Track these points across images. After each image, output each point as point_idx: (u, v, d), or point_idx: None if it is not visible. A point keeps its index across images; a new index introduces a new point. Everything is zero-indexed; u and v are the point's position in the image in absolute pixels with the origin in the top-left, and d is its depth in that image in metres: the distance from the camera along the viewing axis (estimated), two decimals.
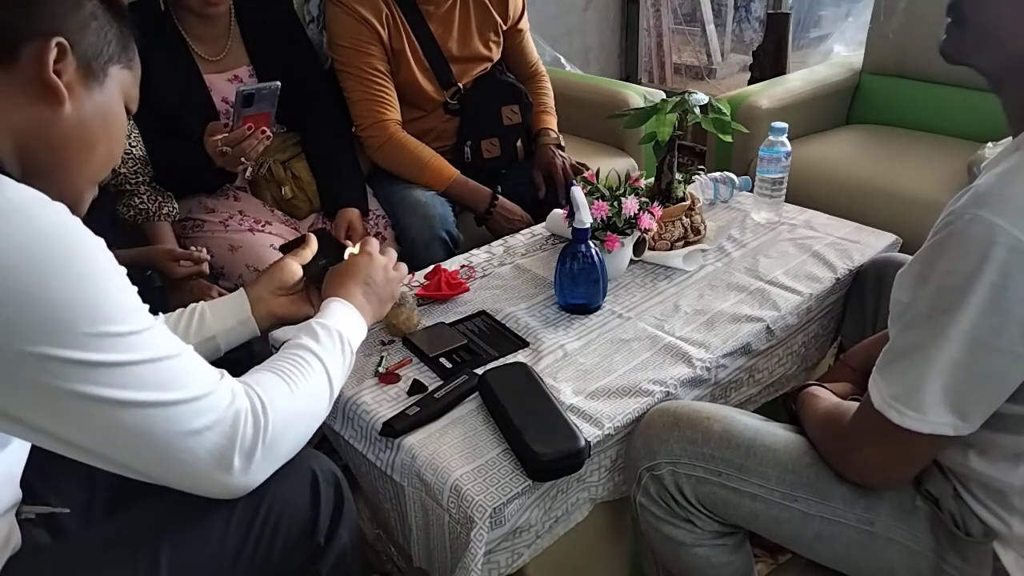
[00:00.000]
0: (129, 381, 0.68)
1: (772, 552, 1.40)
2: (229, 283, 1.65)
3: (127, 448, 0.71)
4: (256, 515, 0.82)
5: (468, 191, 1.89)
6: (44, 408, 0.67)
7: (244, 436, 0.76)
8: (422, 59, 1.93)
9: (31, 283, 0.63)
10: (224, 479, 0.76)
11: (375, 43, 1.87)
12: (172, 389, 0.71)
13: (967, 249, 0.77)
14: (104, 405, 0.68)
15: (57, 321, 0.65)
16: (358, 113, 1.90)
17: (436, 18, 1.94)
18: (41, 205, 0.67)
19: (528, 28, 2.14)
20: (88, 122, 0.77)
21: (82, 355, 0.66)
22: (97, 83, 0.77)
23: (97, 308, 0.67)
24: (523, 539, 1.06)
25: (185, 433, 0.72)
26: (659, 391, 1.17)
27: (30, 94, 0.73)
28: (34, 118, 0.74)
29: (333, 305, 1.01)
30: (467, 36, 1.98)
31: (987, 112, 1.44)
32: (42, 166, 0.75)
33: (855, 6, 3.86)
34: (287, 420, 0.81)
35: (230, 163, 1.55)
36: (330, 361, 0.91)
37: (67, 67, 0.74)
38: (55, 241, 0.66)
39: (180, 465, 0.73)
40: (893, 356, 0.86)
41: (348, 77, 1.89)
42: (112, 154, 0.82)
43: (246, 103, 1.50)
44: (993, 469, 0.87)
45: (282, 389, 0.83)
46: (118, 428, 0.69)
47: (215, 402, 0.74)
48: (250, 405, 0.77)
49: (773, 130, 1.65)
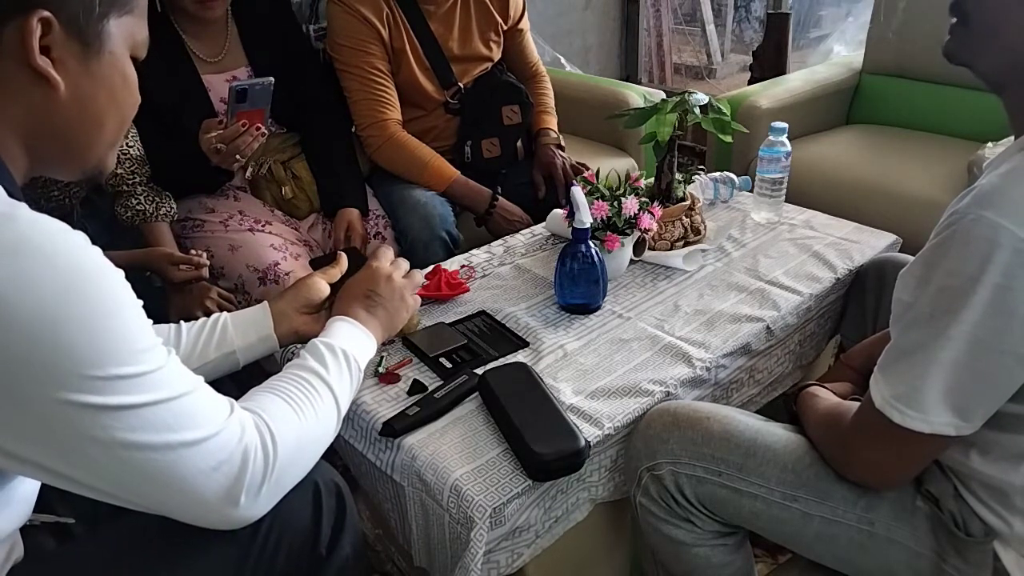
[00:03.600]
0: (139, 424, 0.66)
1: (772, 552, 1.40)
2: (229, 283, 1.65)
3: (133, 487, 0.69)
4: (259, 526, 0.80)
5: (468, 191, 1.89)
6: (51, 450, 0.65)
7: (253, 473, 0.74)
8: (423, 58, 1.93)
9: (42, 326, 0.61)
10: (230, 513, 0.74)
11: (376, 42, 1.86)
12: (182, 430, 0.69)
13: (970, 250, 0.77)
14: (112, 447, 0.66)
15: (68, 365, 0.62)
16: (358, 112, 1.90)
17: (437, 17, 1.94)
18: (54, 240, 0.63)
19: (528, 28, 2.14)
20: (92, 98, 0.71)
21: (92, 399, 0.63)
22: (93, 51, 0.70)
23: (110, 351, 0.64)
24: (523, 539, 1.06)
25: (194, 474, 0.70)
26: (659, 391, 1.17)
27: (22, 81, 0.67)
28: (31, 107, 0.69)
29: (336, 324, 0.99)
30: (468, 35, 1.98)
31: (987, 112, 1.45)
32: (51, 153, 0.72)
33: (855, 6, 3.86)
34: (294, 452, 0.79)
35: (225, 160, 1.54)
36: (336, 383, 0.89)
37: (55, 41, 0.67)
38: (69, 280, 0.62)
39: (187, 503, 0.72)
40: (895, 356, 0.86)
41: (348, 77, 1.89)
42: (125, 117, 0.76)
43: (239, 99, 1.49)
44: (994, 469, 0.87)
45: (290, 418, 0.81)
46: (125, 469, 0.67)
47: (224, 441, 0.72)
48: (260, 441, 0.75)
49: (773, 130, 1.65)
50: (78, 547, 0.86)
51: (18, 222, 0.62)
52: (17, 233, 0.61)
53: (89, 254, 0.65)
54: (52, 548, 0.85)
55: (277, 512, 0.80)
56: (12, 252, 0.60)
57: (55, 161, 0.73)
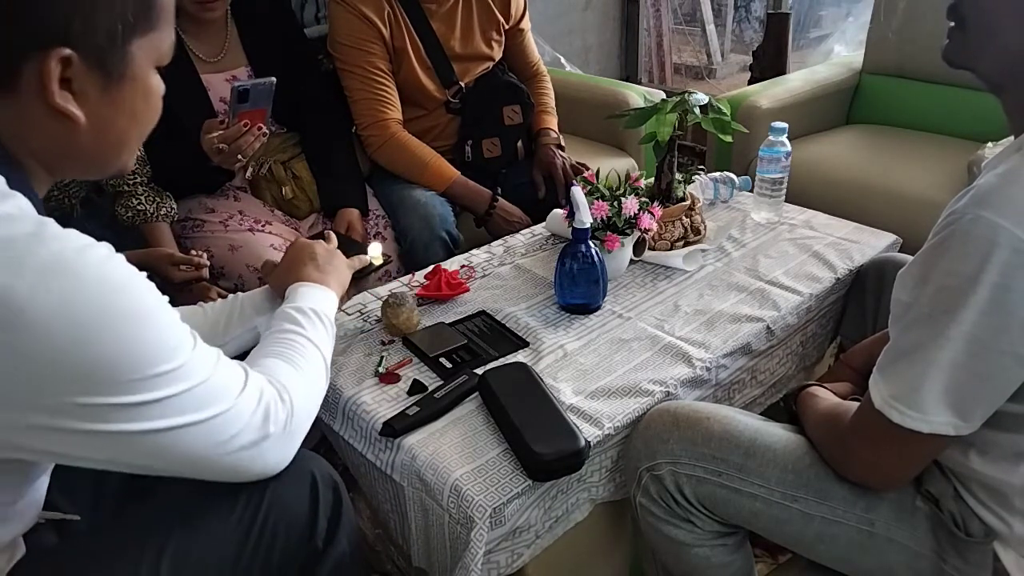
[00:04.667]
0: (172, 411, 0.70)
1: (772, 552, 1.40)
2: (229, 283, 1.65)
3: (166, 462, 0.74)
4: (256, 517, 0.83)
5: (468, 192, 1.89)
6: (88, 444, 0.68)
7: (276, 423, 0.80)
8: (424, 57, 1.93)
9: (80, 344, 0.63)
10: (262, 465, 0.81)
11: (377, 42, 1.86)
12: (210, 407, 0.73)
13: (969, 249, 0.77)
14: (147, 435, 0.69)
15: (107, 375, 0.65)
16: (359, 112, 1.90)
17: (438, 16, 1.94)
18: (85, 256, 0.65)
19: (529, 28, 2.14)
20: (112, 124, 0.72)
21: (129, 399, 0.67)
22: (115, 79, 0.70)
23: (147, 354, 0.68)
24: (523, 539, 1.06)
25: (223, 441, 0.75)
26: (659, 391, 1.17)
27: (42, 116, 0.68)
28: (53, 138, 0.70)
29: (295, 290, 1.06)
30: (469, 35, 1.98)
31: (987, 112, 1.45)
32: (74, 171, 0.75)
33: (855, 6, 3.86)
34: (304, 399, 0.86)
35: (227, 160, 1.54)
36: (315, 337, 0.97)
37: (76, 74, 0.67)
38: (102, 296, 0.65)
39: (219, 466, 0.77)
40: (894, 356, 0.86)
41: (349, 76, 1.89)
42: (146, 129, 0.78)
43: (241, 99, 1.49)
44: (993, 469, 0.87)
45: (290, 371, 0.88)
46: (159, 450, 0.71)
47: (245, 405, 0.77)
48: (276, 394, 0.82)
49: (773, 130, 1.65)
50: (80, 542, 0.86)
51: (50, 241, 0.64)
52: (51, 252, 0.63)
53: (117, 265, 0.68)
54: (53, 544, 0.86)
55: (273, 502, 0.83)
56: (47, 272, 0.62)
57: (77, 175, 0.76)
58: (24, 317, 0.61)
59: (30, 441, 0.66)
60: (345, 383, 1.21)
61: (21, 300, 0.61)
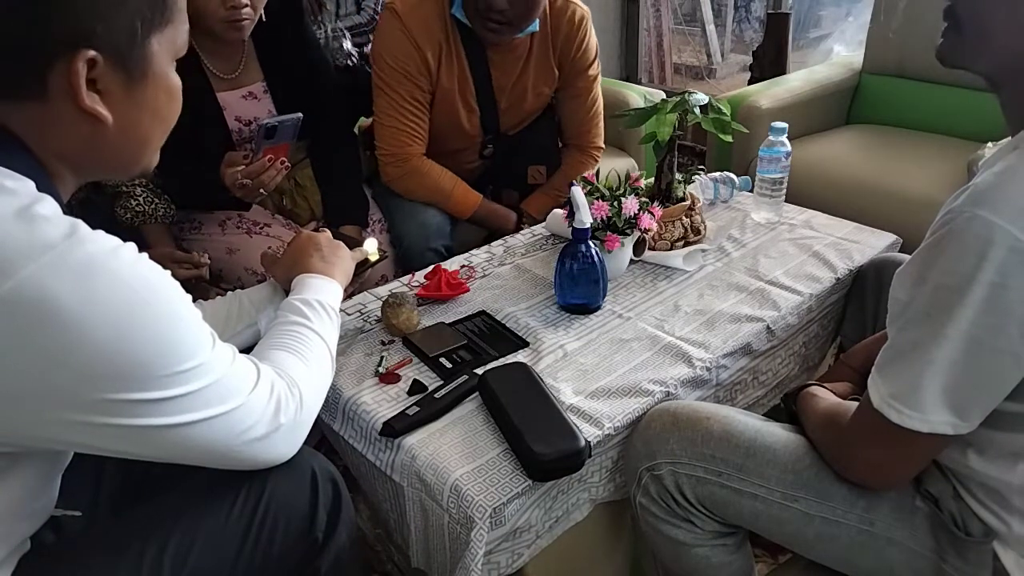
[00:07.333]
0: (195, 405, 0.73)
1: (772, 552, 1.40)
2: (228, 285, 1.65)
3: (186, 452, 0.76)
4: (256, 510, 0.85)
5: (492, 215, 1.88)
6: (115, 437, 0.71)
7: (287, 414, 0.83)
8: (471, 102, 1.84)
9: (111, 336, 0.65)
10: (274, 453, 0.84)
11: (422, 74, 1.76)
12: (228, 401, 0.76)
13: (965, 248, 0.77)
14: (171, 429, 0.72)
15: (139, 372, 0.68)
16: (383, 136, 1.82)
17: (499, 65, 1.84)
18: (118, 256, 0.67)
19: (596, 95, 1.97)
20: (137, 122, 0.74)
21: (157, 394, 0.70)
22: (137, 77, 0.72)
23: (173, 352, 0.70)
24: (523, 539, 1.06)
25: (239, 432, 0.78)
26: (659, 391, 1.17)
27: (71, 119, 0.69)
28: (81, 139, 0.71)
29: (300, 281, 1.08)
30: (523, 88, 1.89)
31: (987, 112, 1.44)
32: (99, 171, 0.78)
33: (855, 6, 3.86)
34: (312, 390, 0.90)
35: (249, 195, 1.54)
36: (321, 329, 0.99)
37: (101, 74, 0.68)
38: (134, 295, 0.67)
39: (235, 456, 0.80)
40: (892, 355, 0.86)
41: (382, 95, 1.79)
42: (169, 126, 0.80)
43: (268, 136, 1.50)
44: (992, 468, 0.87)
45: (298, 363, 0.91)
46: (181, 441, 0.74)
47: (259, 399, 0.80)
48: (286, 386, 0.85)
49: (773, 130, 1.65)
50: (82, 539, 0.87)
51: (86, 243, 0.66)
52: (87, 254, 0.65)
53: (146, 265, 0.70)
54: (51, 541, 0.86)
55: (273, 495, 0.85)
56: (82, 273, 0.64)
57: (101, 176, 0.78)
58: (63, 318, 0.63)
59: (61, 435, 0.69)
60: (345, 383, 1.21)
61: (61, 302, 0.62)
